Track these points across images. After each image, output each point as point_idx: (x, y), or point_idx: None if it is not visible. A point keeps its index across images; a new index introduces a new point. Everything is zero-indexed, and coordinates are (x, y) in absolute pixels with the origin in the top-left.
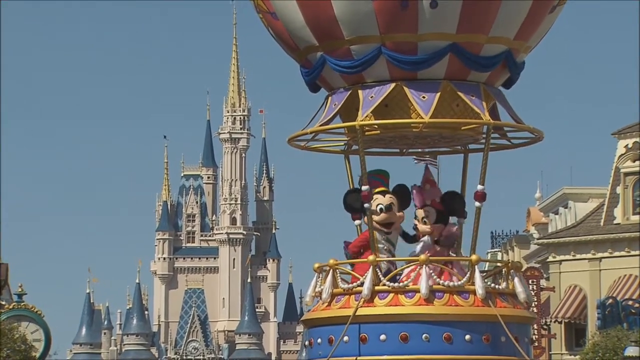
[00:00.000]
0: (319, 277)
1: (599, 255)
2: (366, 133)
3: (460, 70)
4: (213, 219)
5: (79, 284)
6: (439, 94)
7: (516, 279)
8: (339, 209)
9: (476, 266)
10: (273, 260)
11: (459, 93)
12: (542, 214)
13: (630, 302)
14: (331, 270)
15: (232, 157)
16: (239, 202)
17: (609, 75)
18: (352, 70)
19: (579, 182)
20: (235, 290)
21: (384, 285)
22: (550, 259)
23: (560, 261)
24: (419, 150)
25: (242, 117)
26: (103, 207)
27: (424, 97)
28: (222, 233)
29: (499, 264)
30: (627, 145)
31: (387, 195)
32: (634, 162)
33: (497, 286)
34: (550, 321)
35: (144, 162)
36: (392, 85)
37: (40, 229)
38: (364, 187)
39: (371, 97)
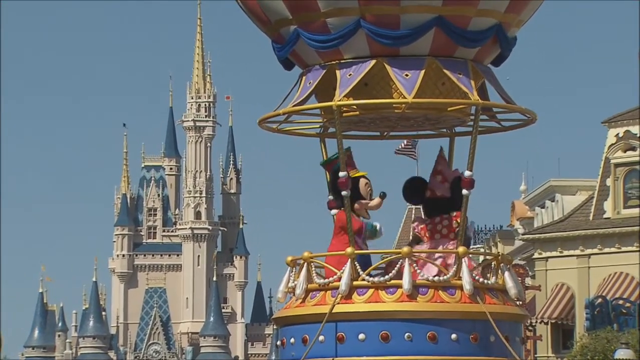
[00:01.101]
0: (292, 271)
1: (588, 251)
2: (344, 114)
3: (446, 46)
4: (176, 213)
5: (31, 282)
6: (423, 71)
7: (506, 274)
8: (312, 200)
9: (463, 259)
10: (240, 257)
11: (445, 71)
12: (528, 207)
13: (620, 302)
14: (305, 264)
15: (197, 147)
16: (203, 194)
17: (598, 60)
18: (328, 45)
19: (566, 173)
20: (200, 289)
21: (363, 280)
22: (536, 255)
23: (547, 258)
24: (402, 133)
25: (207, 103)
26: (57, 200)
27: (406, 75)
28: (185, 228)
29: (488, 257)
30: (618, 134)
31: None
32: (625, 152)
33: (486, 281)
34: (536, 322)
35: (101, 152)
36: (372, 62)
37: None
38: (342, 173)
39: (349, 75)
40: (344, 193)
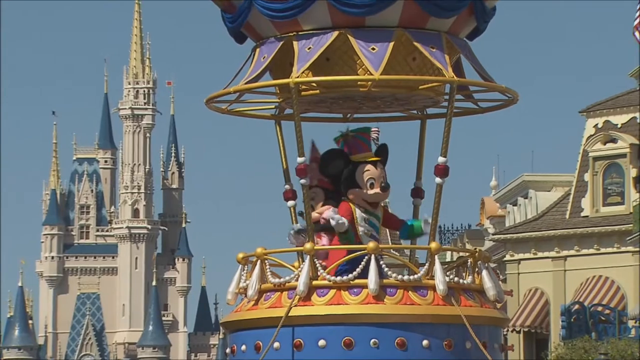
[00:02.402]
0: (243, 270)
1: (564, 253)
2: (302, 93)
3: (417, 16)
4: (111, 210)
5: None
6: (391, 44)
7: (484, 272)
8: (264, 195)
9: (436, 257)
10: (183, 260)
11: (416, 44)
12: (498, 205)
13: (599, 308)
14: (259, 262)
15: (135, 138)
16: (142, 190)
17: (576, 43)
18: (284, 15)
19: (541, 168)
20: (138, 295)
21: (324, 279)
22: (508, 257)
23: (519, 260)
24: (367, 115)
25: (146, 90)
26: None
27: (373, 49)
28: (122, 227)
29: (463, 254)
30: (597, 124)
31: (380, 167)
32: (604, 144)
33: (461, 281)
34: (508, 330)
35: (28, 143)
36: (335, 33)
37: None
38: (300, 159)
39: (308, 48)
40: (302, 181)
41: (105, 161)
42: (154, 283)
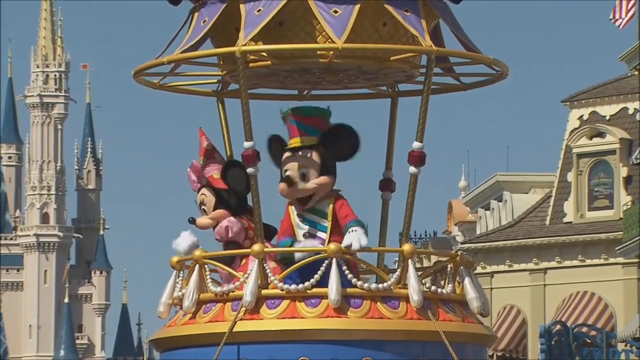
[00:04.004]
0: (178, 276)
1: (544, 265)
2: (250, 64)
3: None
4: (16, 215)
5: None
6: (357, 7)
7: (467, 280)
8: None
9: (410, 261)
10: (100, 273)
11: (387, 6)
12: (468, 209)
13: (584, 329)
14: (197, 267)
15: (44, 130)
16: (53, 192)
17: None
18: None
19: (517, 166)
20: (47, 314)
21: (275, 287)
22: (479, 270)
23: (492, 273)
24: (327, 92)
25: (57, 74)
26: None
27: (335, 12)
28: (29, 235)
29: (442, 259)
30: (582, 116)
31: (300, 155)
32: (590, 139)
33: (439, 290)
34: None
35: None
36: None
37: None
38: (247, 144)
39: (258, 11)
40: (250, 170)
41: (9, 157)
42: (66, 300)
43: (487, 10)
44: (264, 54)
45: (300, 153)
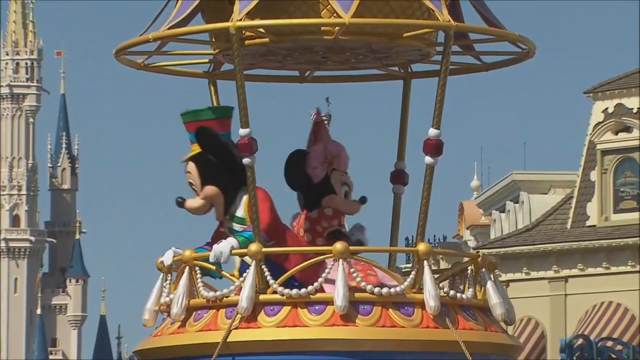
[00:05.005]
0: (166, 279)
1: (565, 273)
2: (246, 42)
3: None
4: None
5: None
6: None
7: (489, 284)
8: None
9: (425, 262)
10: (76, 281)
11: None
12: (481, 211)
13: (609, 343)
14: (187, 269)
15: (14, 124)
16: (24, 192)
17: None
18: None
19: (535, 164)
20: (18, 326)
21: (275, 292)
22: None
23: (508, 282)
24: (332, 73)
25: (28, 62)
26: None
27: None
28: None
29: (462, 260)
30: (607, 109)
31: (193, 165)
32: (616, 134)
33: (459, 295)
34: None
35: None
36: None
37: None
38: (243, 131)
39: None
40: (245, 161)
41: None
42: (38, 311)
43: None
44: (262, 30)
45: (197, 160)
